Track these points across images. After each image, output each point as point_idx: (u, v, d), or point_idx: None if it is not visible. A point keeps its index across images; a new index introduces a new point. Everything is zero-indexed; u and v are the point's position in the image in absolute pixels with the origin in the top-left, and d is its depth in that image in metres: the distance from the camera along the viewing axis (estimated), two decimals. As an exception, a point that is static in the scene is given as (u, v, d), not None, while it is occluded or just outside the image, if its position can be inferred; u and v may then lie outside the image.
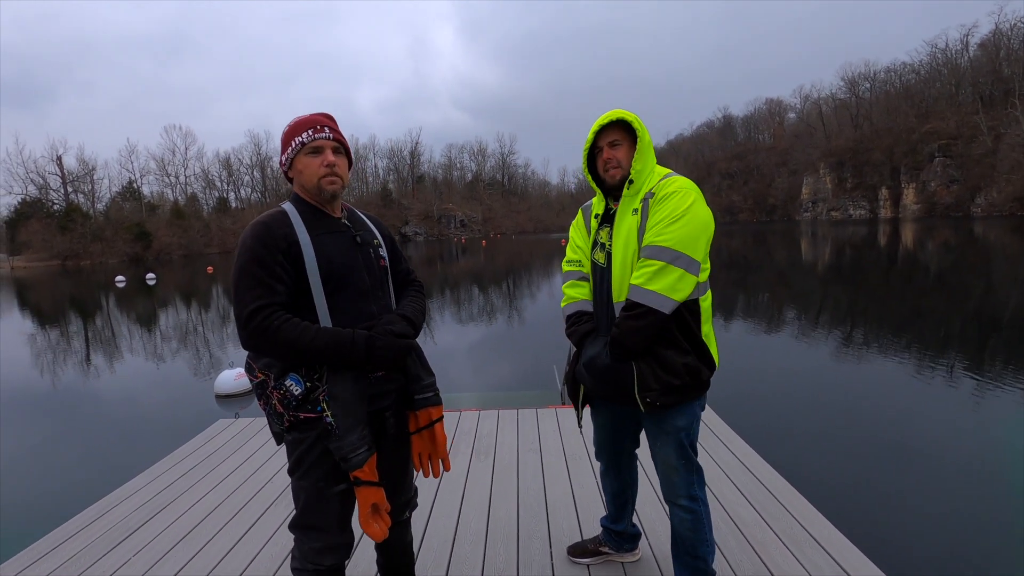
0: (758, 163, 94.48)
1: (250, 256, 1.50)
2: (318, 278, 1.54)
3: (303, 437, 1.57)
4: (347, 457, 1.50)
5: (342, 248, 1.62)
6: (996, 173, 56.94)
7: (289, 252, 1.52)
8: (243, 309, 1.47)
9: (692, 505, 1.93)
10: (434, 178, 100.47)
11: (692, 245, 1.74)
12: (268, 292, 1.48)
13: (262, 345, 1.48)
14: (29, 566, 2.52)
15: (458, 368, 9.27)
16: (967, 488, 4.31)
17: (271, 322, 1.46)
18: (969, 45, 71.31)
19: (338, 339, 1.50)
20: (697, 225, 1.75)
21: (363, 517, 1.54)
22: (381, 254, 1.75)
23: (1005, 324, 10.23)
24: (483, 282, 24.55)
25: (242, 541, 2.67)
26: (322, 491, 1.59)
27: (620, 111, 1.87)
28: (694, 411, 1.89)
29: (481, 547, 2.52)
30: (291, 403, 1.52)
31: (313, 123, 1.61)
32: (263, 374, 1.55)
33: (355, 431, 1.52)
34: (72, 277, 42.04)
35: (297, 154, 1.61)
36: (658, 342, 1.78)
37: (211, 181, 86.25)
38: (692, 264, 1.74)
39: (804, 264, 24.31)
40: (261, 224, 1.55)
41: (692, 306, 1.81)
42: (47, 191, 70.67)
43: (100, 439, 6.79)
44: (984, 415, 5.81)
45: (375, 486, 1.54)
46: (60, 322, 18.49)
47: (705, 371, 1.83)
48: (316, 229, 1.59)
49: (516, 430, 3.95)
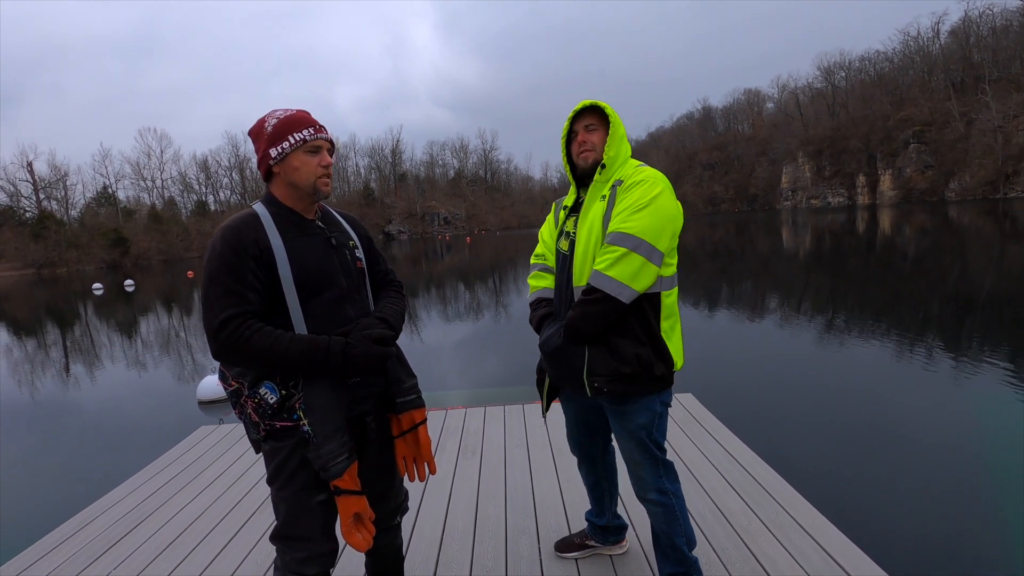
0: (738, 153, 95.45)
1: (220, 263, 1.44)
2: (292, 284, 1.49)
3: (281, 446, 1.52)
4: (326, 467, 1.46)
5: (316, 251, 1.56)
6: (968, 158, 58.19)
7: (261, 258, 1.46)
8: (213, 319, 1.41)
9: (661, 499, 1.93)
10: (416, 176, 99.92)
11: (655, 235, 1.72)
12: (239, 301, 1.42)
13: (234, 356, 1.42)
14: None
15: (444, 366, 9.24)
16: (949, 470, 4.40)
17: (242, 332, 1.40)
18: (940, 33, 72.72)
19: (313, 347, 1.45)
20: (663, 216, 1.74)
21: (345, 527, 1.50)
22: (357, 255, 1.70)
23: (981, 305, 10.46)
24: (468, 279, 24.50)
25: (226, 549, 2.63)
26: (303, 501, 1.54)
27: (595, 100, 1.89)
28: (653, 408, 1.86)
29: (469, 545, 2.51)
30: (266, 412, 1.48)
31: (310, 122, 1.56)
32: (236, 382, 1.51)
33: (334, 439, 1.47)
34: (48, 286, 41.11)
35: (295, 150, 1.53)
36: (613, 330, 1.77)
37: (189, 184, 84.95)
38: (654, 253, 1.72)
39: (785, 252, 24.62)
40: (230, 229, 1.48)
41: (654, 299, 1.80)
42: (18, 198, 69.13)
43: (81, 449, 6.66)
44: (963, 396, 5.94)
45: (357, 495, 1.50)
46: (37, 332, 18.08)
47: (660, 367, 1.79)
48: (289, 232, 1.53)
49: (503, 426, 3.95)
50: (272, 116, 1.56)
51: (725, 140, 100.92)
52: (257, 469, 3.55)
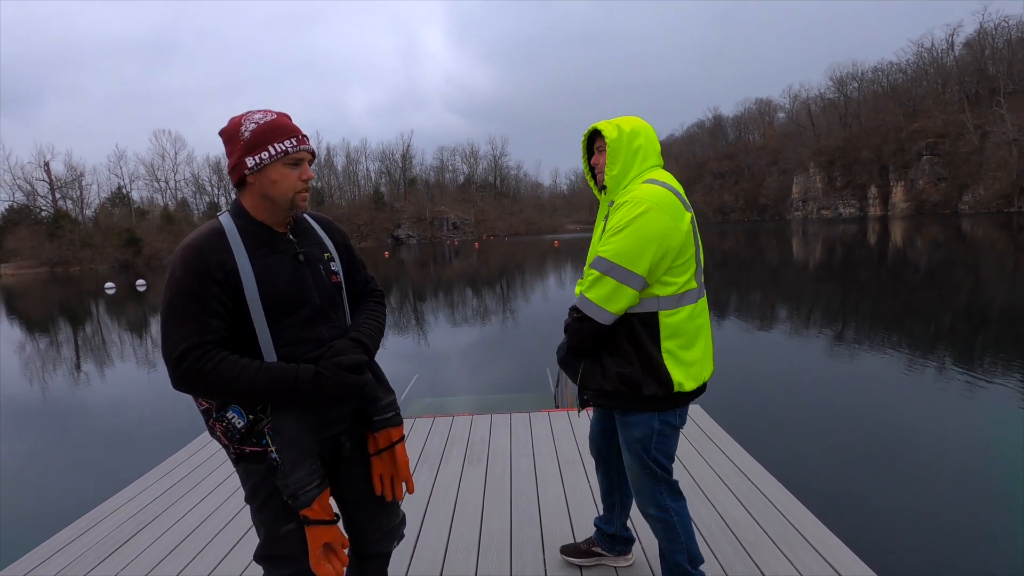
0: (749, 163, 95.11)
1: (179, 288, 1.33)
2: (259, 307, 1.38)
3: (254, 469, 1.45)
4: (295, 495, 1.37)
5: (286, 269, 1.44)
6: (983, 170, 57.64)
7: (226, 282, 1.35)
8: (172, 350, 1.31)
9: (661, 515, 1.94)
10: (426, 181, 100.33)
11: (630, 258, 1.70)
12: (200, 329, 1.32)
13: (194, 388, 1.34)
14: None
15: (451, 371, 9.25)
16: (960, 488, 4.34)
17: (204, 364, 1.30)
18: (954, 44, 72.27)
19: (281, 377, 1.35)
20: (641, 237, 1.70)
21: (314, 559, 1.41)
22: (333, 268, 1.57)
23: (994, 319, 10.33)
24: (476, 284, 24.53)
25: (232, 553, 2.64)
26: (280, 525, 1.47)
27: (597, 123, 1.93)
28: (650, 424, 1.86)
29: (474, 556, 2.50)
30: (235, 436, 1.40)
31: (293, 131, 1.44)
32: (206, 402, 1.42)
33: (302, 467, 1.38)
34: (62, 284, 41.63)
35: (274, 162, 1.41)
36: (603, 347, 1.84)
37: (201, 186, 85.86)
38: (630, 277, 1.71)
39: (795, 263, 24.46)
40: (192, 250, 1.35)
41: (648, 319, 1.78)
42: (35, 197, 70.18)
43: (90, 448, 6.73)
44: (976, 413, 5.86)
45: (327, 524, 1.42)
46: (50, 330, 18.30)
47: (652, 387, 1.78)
48: (257, 251, 1.42)
49: (509, 434, 3.94)
50: (249, 119, 1.42)
51: (736, 149, 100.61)
52: (264, 472, 3.57)
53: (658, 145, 1.95)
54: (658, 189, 1.76)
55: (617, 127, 1.86)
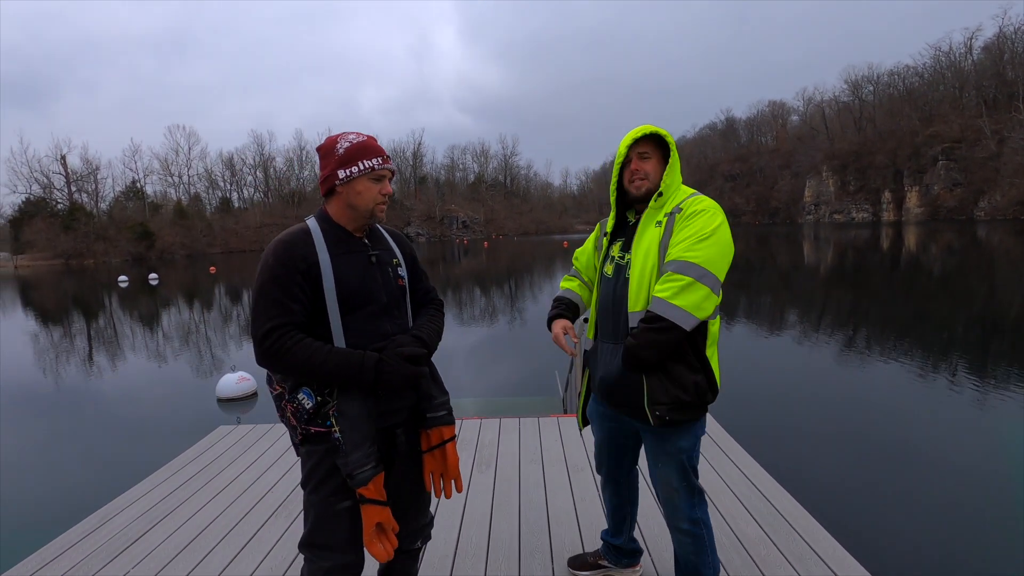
0: (761, 165, 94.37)
1: (269, 275, 1.53)
2: (335, 299, 1.57)
3: (315, 450, 1.59)
4: (352, 474, 1.51)
5: (359, 268, 1.63)
6: (1000, 177, 56.81)
7: (308, 273, 1.55)
8: (259, 328, 1.50)
9: (694, 529, 1.92)
10: (436, 179, 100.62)
11: (718, 265, 1.74)
12: (284, 312, 1.51)
13: (275, 364, 1.51)
14: (33, 574, 2.52)
15: (459, 372, 9.26)
16: (973, 499, 4.28)
17: (284, 343, 1.49)
18: (973, 48, 71.28)
19: (348, 361, 1.52)
20: (723, 246, 1.77)
21: (367, 536, 1.54)
22: (400, 273, 1.75)
23: (1008, 329, 10.18)
24: (485, 284, 24.54)
25: (243, 552, 2.66)
26: (331, 506, 1.59)
27: (653, 127, 1.89)
28: (696, 433, 1.89)
29: (482, 563, 2.50)
30: (303, 416, 1.56)
31: (379, 151, 1.65)
32: (280, 387, 1.60)
33: (361, 448, 1.52)
34: (75, 276, 42.15)
35: (361, 176, 1.62)
36: (670, 357, 1.76)
37: (214, 181, 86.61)
38: (717, 284, 1.74)
39: (807, 267, 24.25)
40: (282, 243, 1.57)
41: (702, 327, 1.79)
42: (51, 190, 71.02)
43: (102, 442, 6.80)
44: (989, 422, 5.78)
45: (381, 504, 1.54)
46: (63, 321, 18.53)
47: (709, 394, 1.82)
48: (336, 249, 1.61)
49: (518, 440, 3.94)
50: (344, 139, 1.64)
51: (748, 152, 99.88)
52: (274, 473, 3.59)
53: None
54: (717, 203, 1.86)
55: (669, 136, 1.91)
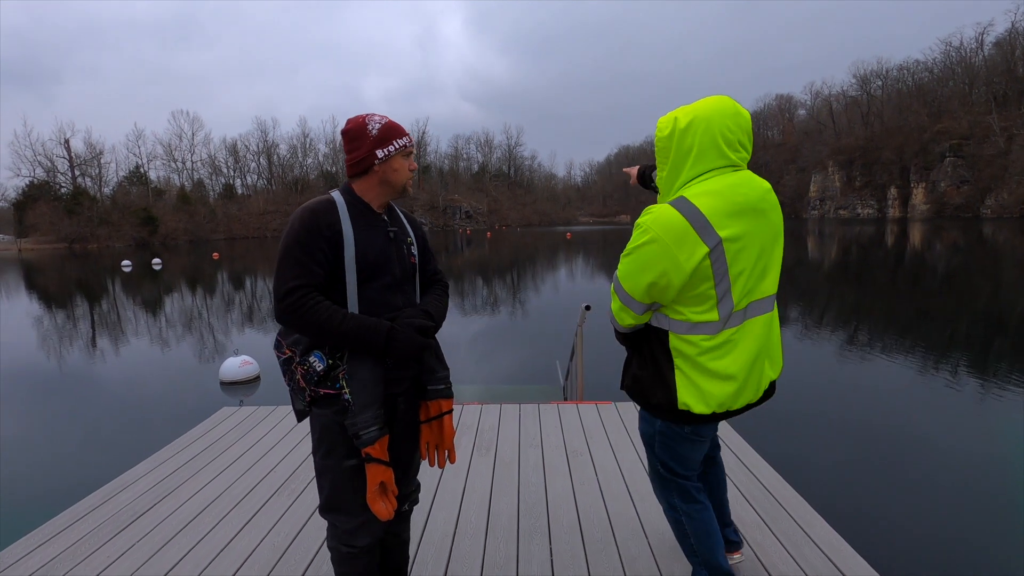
0: (767, 160, 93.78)
1: (295, 238, 1.60)
2: (353, 267, 1.64)
3: (323, 413, 1.66)
4: (359, 433, 1.58)
5: (378, 241, 1.71)
6: (1008, 174, 56.39)
7: (332, 240, 1.62)
8: (281, 286, 1.57)
9: (670, 512, 1.99)
10: (440, 169, 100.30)
11: (630, 282, 1.71)
12: (306, 273, 1.58)
13: (294, 321, 1.58)
14: (35, 549, 2.56)
15: (461, 359, 9.30)
16: (971, 490, 4.31)
17: (305, 302, 1.56)
18: (984, 44, 70.51)
19: (363, 326, 1.60)
20: (640, 267, 1.66)
21: (371, 494, 1.62)
22: (412, 251, 1.84)
23: (1011, 327, 10.17)
24: (487, 274, 24.56)
25: (246, 529, 2.70)
26: (344, 467, 1.67)
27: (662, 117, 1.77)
28: (652, 426, 1.90)
29: (481, 542, 2.54)
30: (313, 378, 1.62)
31: (405, 131, 1.74)
32: (291, 350, 1.65)
33: (370, 409, 1.60)
34: (79, 260, 42.29)
35: (397, 154, 1.72)
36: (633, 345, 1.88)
37: (217, 167, 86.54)
38: (629, 300, 1.73)
39: (810, 262, 24.19)
40: (309, 210, 1.64)
41: (661, 336, 1.76)
42: (55, 174, 71.11)
43: (106, 423, 6.87)
44: (988, 419, 5.80)
45: (385, 464, 1.62)
46: (67, 305, 18.63)
47: (657, 396, 1.77)
48: (358, 221, 1.68)
49: (518, 425, 3.97)
50: (373, 120, 1.71)
51: (754, 146, 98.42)
52: (277, 452, 3.63)
53: (731, 135, 1.66)
54: (673, 216, 1.60)
55: (673, 120, 1.70)
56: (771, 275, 1.77)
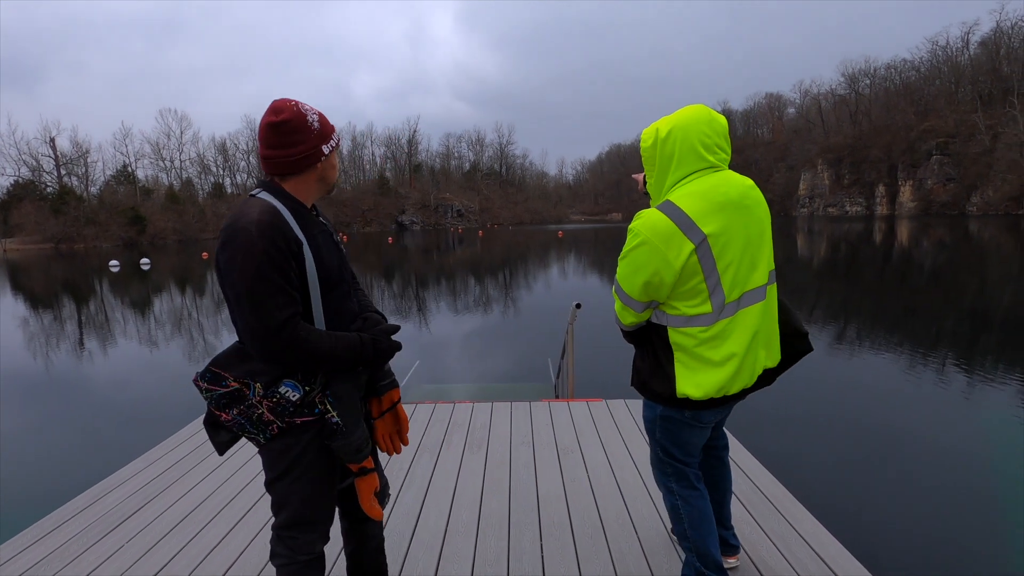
0: (756, 158, 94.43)
1: (266, 260, 1.37)
2: (316, 280, 1.49)
3: (293, 442, 1.52)
4: (361, 449, 1.56)
5: (330, 247, 1.58)
6: (993, 172, 57.17)
7: (297, 256, 1.44)
8: (271, 320, 1.37)
9: (668, 497, 2.06)
10: (431, 167, 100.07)
11: (627, 283, 1.81)
12: (291, 300, 1.41)
13: (293, 356, 1.42)
14: (24, 550, 2.53)
15: (453, 358, 9.30)
16: (959, 486, 4.36)
17: (299, 332, 1.41)
18: (970, 43, 71.36)
19: (351, 344, 1.52)
20: (634, 269, 1.77)
21: (367, 503, 1.63)
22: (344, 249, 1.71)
23: (997, 323, 10.31)
24: (479, 273, 24.54)
25: (236, 529, 2.69)
26: (323, 488, 1.61)
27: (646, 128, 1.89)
28: (653, 411, 1.98)
29: (472, 539, 2.54)
30: (287, 410, 1.48)
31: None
32: (238, 383, 1.46)
33: (360, 426, 1.57)
34: (65, 260, 41.77)
35: (334, 150, 1.57)
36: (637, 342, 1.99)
37: (206, 166, 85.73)
38: (629, 300, 1.84)
39: (799, 260, 24.39)
40: (268, 226, 1.40)
41: (661, 331, 1.87)
42: (40, 173, 70.19)
43: (94, 424, 6.80)
44: (977, 416, 5.87)
45: (374, 472, 1.64)
46: (53, 306, 18.40)
47: (658, 385, 1.88)
48: (308, 229, 1.50)
49: (509, 423, 3.98)
50: (309, 111, 1.50)
51: (743, 144, 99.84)
52: (267, 452, 3.61)
53: (707, 140, 1.77)
54: (659, 219, 1.71)
55: (655, 131, 1.83)
56: (761, 266, 1.86)
